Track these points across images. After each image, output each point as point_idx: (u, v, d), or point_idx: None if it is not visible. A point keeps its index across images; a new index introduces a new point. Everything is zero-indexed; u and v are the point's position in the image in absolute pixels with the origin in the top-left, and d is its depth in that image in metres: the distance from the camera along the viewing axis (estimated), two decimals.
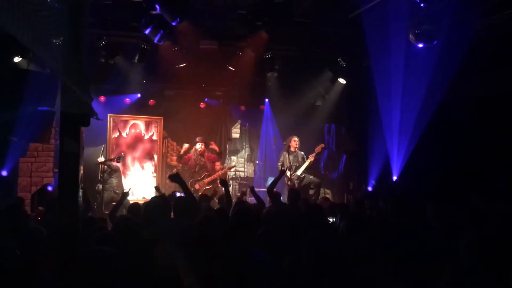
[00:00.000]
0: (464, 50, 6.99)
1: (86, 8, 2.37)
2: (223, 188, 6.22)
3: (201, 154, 10.11)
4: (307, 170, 9.43)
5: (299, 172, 9.29)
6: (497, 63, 7.08)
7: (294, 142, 9.48)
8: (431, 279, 3.14)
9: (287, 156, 9.40)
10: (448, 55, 7.25)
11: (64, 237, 2.28)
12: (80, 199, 2.34)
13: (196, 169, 10.14)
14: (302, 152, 9.57)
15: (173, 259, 2.64)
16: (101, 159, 9.43)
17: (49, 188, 7.90)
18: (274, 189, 6.63)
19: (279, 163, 9.49)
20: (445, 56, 7.26)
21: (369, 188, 9.27)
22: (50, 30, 2.12)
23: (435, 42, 6.77)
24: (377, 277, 3.44)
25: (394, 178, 8.75)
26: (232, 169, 11.14)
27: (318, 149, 9.43)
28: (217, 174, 10.14)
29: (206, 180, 10.14)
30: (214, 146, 10.39)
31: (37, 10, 2.00)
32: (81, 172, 2.31)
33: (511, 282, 2.56)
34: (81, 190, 2.32)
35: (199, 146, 10.09)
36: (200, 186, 10.00)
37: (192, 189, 9.53)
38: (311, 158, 9.35)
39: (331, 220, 5.74)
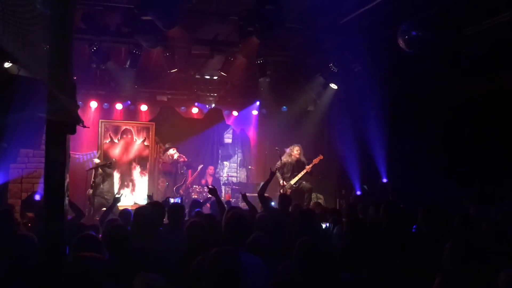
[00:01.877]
0: (454, 56, 7.06)
1: (73, 16, 2.35)
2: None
3: (178, 159, 10.22)
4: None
5: (293, 181, 9.30)
6: (487, 69, 7.15)
7: (296, 151, 9.47)
8: (421, 285, 3.16)
9: (287, 164, 9.40)
10: (438, 60, 7.32)
11: (50, 245, 2.25)
12: (67, 207, 2.31)
13: (177, 175, 10.20)
14: (304, 160, 9.54)
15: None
16: (97, 160, 9.45)
17: (37, 197, 7.80)
18: (266, 194, 6.64)
19: (276, 166, 9.48)
20: (434, 61, 7.33)
21: (358, 192, 9.29)
22: (36, 37, 2.10)
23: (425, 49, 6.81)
24: (368, 282, 3.45)
25: (384, 180, 8.81)
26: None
27: (316, 160, 9.41)
28: (196, 173, 10.39)
29: (188, 181, 10.19)
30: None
31: (24, 18, 1.98)
32: (67, 180, 2.26)
33: None
34: (67, 198, 2.29)
35: (173, 151, 10.16)
36: (183, 191, 10.04)
37: (178, 195, 9.63)
38: (307, 169, 9.34)
39: (323, 225, 5.76)
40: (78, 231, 4.19)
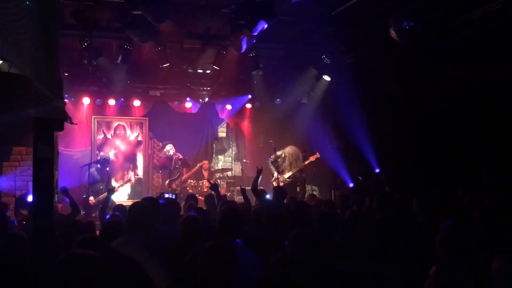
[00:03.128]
0: (445, 47, 7.07)
1: (59, 12, 2.33)
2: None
3: (173, 155, 10.24)
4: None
5: (286, 175, 9.31)
6: (478, 59, 7.17)
7: (291, 149, 9.50)
8: (417, 275, 3.17)
9: (282, 158, 9.41)
10: (430, 50, 7.33)
11: (39, 242, 2.25)
12: (56, 204, 2.30)
13: (172, 169, 10.22)
14: (299, 154, 9.55)
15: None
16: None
17: (29, 198, 7.67)
18: (261, 187, 6.67)
19: (270, 160, 9.47)
20: (426, 51, 7.34)
21: (350, 185, 9.28)
22: (21, 34, 2.07)
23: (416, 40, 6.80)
24: (362, 273, 3.46)
25: (377, 170, 8.84)
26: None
27: (312, 158, 9.42)
28: (192, 171, 10.33)
29: (183, 177, 10.15)
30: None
31: (8, 13, 1.94)
32: (56, 177, 2.26)
33: (490, 277, 2.58)
34: (56, 196, 2.27)
35: (170, 147, 10.25)
36: (176, 185, 9.99)
37: (170, 189, 9.66)
38: (302, 166, 9.36)
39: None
40: (73, 228, 4.20)
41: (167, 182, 10.08)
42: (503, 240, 3.66)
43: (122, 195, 10.26)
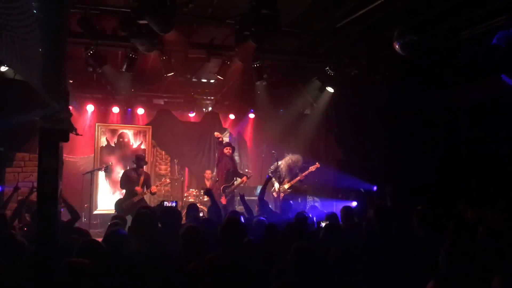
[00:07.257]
0: (449, 60, 7.09)
1: (67, 22, 2.35)
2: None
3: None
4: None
5: (286, 186, 9.29)
6: (484, 72, 7.17)
7: (291, 158, 9.46)
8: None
9: (282, 168, 9.38)
10: (434, 64, 7.35)
11: (43, 251, 2.25)
12: (60, 214, 2.31)
13: (231, 171, 9.38)
14: (299, 162, 9.49)
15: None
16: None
17: None
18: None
19: (270, 170, 9.46)
20: (430, 65, 7.36)
21: (354, 203, 9.12)
22: (29, 45, 2.09)
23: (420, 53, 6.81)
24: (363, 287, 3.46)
25: (375, 188, 8.82)
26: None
27: (312, 168, 9.39)
28: (243, 181, 9.42)
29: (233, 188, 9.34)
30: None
31: (15, 23, 1.95)
32: (61, 187, 2.27)
33: None
34: (59, 206, 2.28)
35: (227, 150, 9.39)
36: (227, 194, 9.21)
37: (223, 195, 9.00)
38: (301, 176, 9.34)
39: (323, 224, 5.76)
40: (72, 234, 4.20)
41: (222, 187, 9.10)
42: (506, 257, 3.64)
43: None
